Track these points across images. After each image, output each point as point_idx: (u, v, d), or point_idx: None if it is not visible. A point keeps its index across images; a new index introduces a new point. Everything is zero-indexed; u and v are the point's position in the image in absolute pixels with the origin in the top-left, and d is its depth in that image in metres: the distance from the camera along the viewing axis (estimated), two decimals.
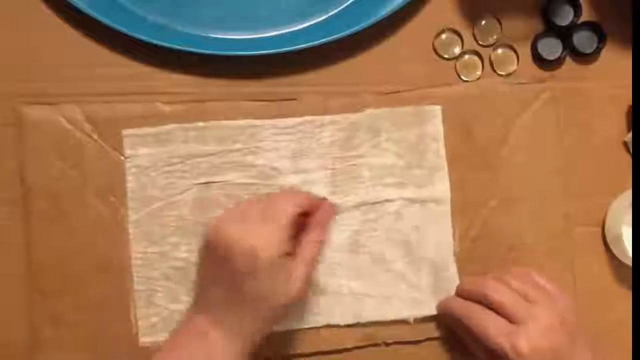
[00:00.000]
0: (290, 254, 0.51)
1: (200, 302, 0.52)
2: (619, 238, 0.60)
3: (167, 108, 0.59)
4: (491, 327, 0.53)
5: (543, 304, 0.54)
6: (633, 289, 0.57)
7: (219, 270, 0.50)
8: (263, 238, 0.49)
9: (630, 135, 0.62)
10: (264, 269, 0.48)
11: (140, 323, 0.58)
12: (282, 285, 0.50)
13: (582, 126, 0.62)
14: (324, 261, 0.59)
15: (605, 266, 0.62)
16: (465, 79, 0.62)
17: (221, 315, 0.50)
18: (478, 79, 0.62)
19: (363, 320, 0.59)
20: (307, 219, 0.54)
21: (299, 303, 0.56)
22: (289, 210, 0.51)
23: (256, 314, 0.50)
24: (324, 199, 0.57)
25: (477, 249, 0.61)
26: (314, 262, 0.53)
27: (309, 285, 0.53)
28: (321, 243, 0.54)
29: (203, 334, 0.49)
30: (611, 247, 0.61)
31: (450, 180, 0.61)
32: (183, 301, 0.58)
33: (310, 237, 0.53)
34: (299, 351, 0.59)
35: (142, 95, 0.59)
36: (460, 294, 0.59)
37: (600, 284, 0.62)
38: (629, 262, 0.60)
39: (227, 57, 0.59)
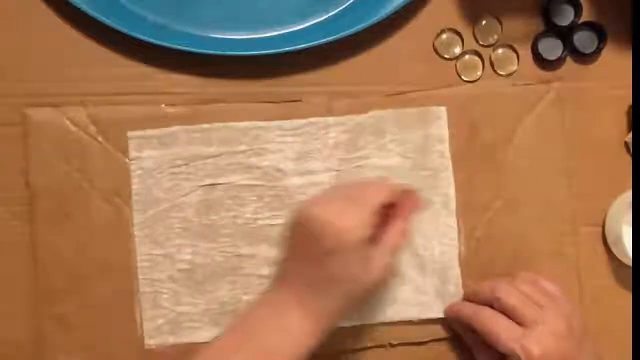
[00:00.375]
0: (372, 240, 0.51)
1: (282, 280, 0.52)
2: (619, 238, 0.60)
3: (171, 110, 0.59)
4: (502, 331, 0.53)
5: (552, 309, 0.54)
6: (633, 289, 0.57)
7: (306, 249, 0.50)
8: (351, 220, 0.49)
9: (630, 135, 0.62)
10: (349, 251, 0.49)
11: (145, 325, 0.58)
12: (363, 270, 0.50)
13: (582, 126, 0.62)
14: None
15: (606, 266, 0.62)
16: (465, 79, 0.62)
17: (302, 293, 0.50)
18: (478, 79, 0.62)
19: (368, 322, 0.59)
20: (390, 210, 0.54)
21: (377, 291, 0.56)
22: (378, 197, 0.51)
23: (336, 297, 0.50)
24: (412, 190, 0.56)
25: (482, 249, 0.61)
26: (395, 250, 0.53)
27: (390, 273, 0.54)
28: (404, 233, 0.54)
29: (282, 311, 0.50)
30: (611, 247, 0.61)
31: (456, 181, 0.61)
32: (188, 303, 0.58)
33: (394, 226, 0.53)
34: None
35: (142, 96, 0.60)
36: (469, 297, 0.59)
37: (601, 284, 0.62)
38: (629, 262, 0.60)
39: (228, 57, 0.59)
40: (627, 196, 0.60)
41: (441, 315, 0.60)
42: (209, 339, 0.57)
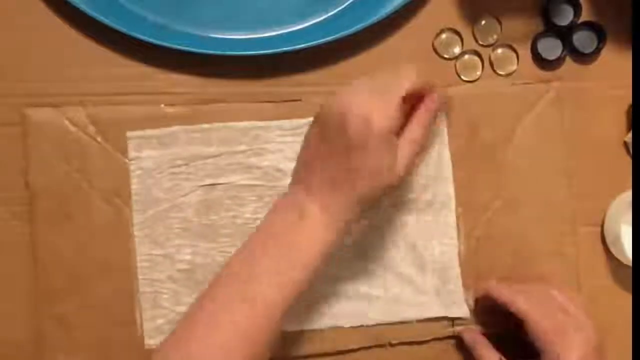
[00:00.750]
0: (397, 134, 0.51)
1: (302, 180, 0.52)
2: (617, 238, 0.60)
3: (170, 110, 0.59)
4: (547, 322, 0.54)
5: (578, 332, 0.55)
6: (633, 289, 0.57)
7: (330, 142, 0.50)
8: (377, 110, 0.49)
9: (630, 135, 0.62)
10: (375, 141, 0.48)
11: (145, 325, 0.58)
12: (387, 163, 0.50)
13: (582, 126, 0.62)
14: (330, 263, 0.59)
15: (605, 266, 0.62)
16: (465, 79, 0.62)
17: (324, 191, 0.50)
18: (478, 78, 0.62)
19: (369, 323, 0.59)
20: (415, 104, 0.53)
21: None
22: (403, 87, 0.50)
23: (356, 192, 0.50)
24: (434, 84, 0.55)
25: (482, 248, 0.61)
26: (419, 146, 0.52)
27: (411, 171, 0.54)
28: (427, 128, 0.53)
29: (301, 212, 0.50)
30: (610, 247, 0.61)
31: (455, 181, 0.61)
32: (188, 303, 0.57)
33: (418, 120, 0.53)
34: (303, 352, 0.59)
35: (142, 96, 0.60)
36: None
37: (600, 284, 0.62)
38: (628, 262, 0.60)
39: (228, 57, 0.59)
40: (627, 196, 0.60)
41: (441, 314, 0.60)
42: None
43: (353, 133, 0.48)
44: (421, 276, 0.60)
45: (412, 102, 0.53)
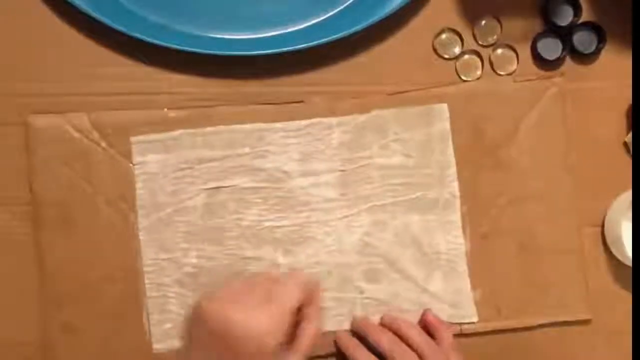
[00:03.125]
0: (286, 342, 0.48)
1: None
2: (618, 239, 0.60)
3: (173, 114, 0.59)
4: None
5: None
6: (633, 289, 0.57)
7: (218, 347, 0.46)
8: (268, 323, 0.46)
9: (630, 135, 0.62)
10: (266, 356, 0.46)
11: (153, 330, 0.58)
12: None
13: (582, 126, 0.62)
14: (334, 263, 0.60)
15: (606, 266, 0.62)
16: (465, 79, 0.62)
17: None
18: (478, 78, 0.62)
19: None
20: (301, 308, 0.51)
21: None
22: (294, 297, 0.48)
23: None
24: (319, 287, 0.54)
25: (487, 246, 0.61)
26: (307, 351, 0.50)
27: None
28: (317, 335, 0.51)
29: None
30: (611, 247, 0.61)
31: (460, 179, 0.61)
32: None
33: (308, 328, 0.50)
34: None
35: (143, 96, 0.60)
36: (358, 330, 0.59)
37: (601, 284, 0.62)
38: (629, 262, 0.60)
39: (228, 57, 0.59)
40: (627, 196, 0.60)
41: (446, 320, 0.60)
42: None
43: (243, 346, 0.45)
44: (427, 275, 0.60)
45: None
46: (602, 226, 0.62)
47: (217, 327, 0.46)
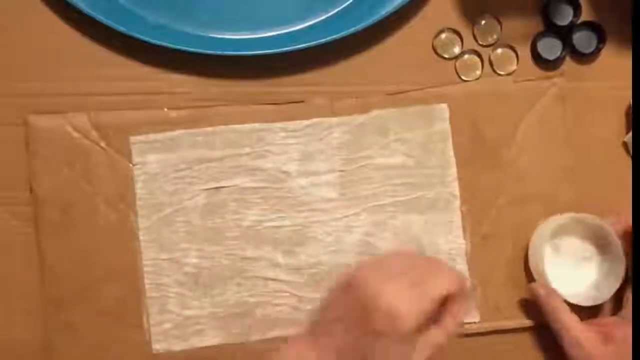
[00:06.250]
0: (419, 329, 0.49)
1: (317, 334, 0.50)
2: (541, 272, 0.58)
3: (173, 114, 0.59)
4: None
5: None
6: (633, 289, 0.57)
7: (353, 317, 0.48)
8: (408, 312, 0.47)
9: (629, 135, 0.62)
10: (398, 339, 0.47)
11: (153, 330, 0.58)
12: (404, 357, 0.48)
13: (581, 126, 0.62)
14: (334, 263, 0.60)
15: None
16: (465, 78, 0.62)
17: (332, 354, 0.48)
18: (478, 78, 0.62)
19: None
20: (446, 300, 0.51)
21: None
22: (441, 289, 0.48)
23: None
24: (465, 285, 0.53)
25: (487, 246, 0.61)
26: (437, 348, 0.50)
27: None
28: (450, 332, 0.51)
29: None
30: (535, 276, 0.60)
31: (460, 179, 0.61)
32: (195, 307, 0.58)
33: (444, 326, 0.50)
34: None
35: (143, 96, 0.60)
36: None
37: None
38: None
39: (228, 57, 0.59)
40: (549, 224, 0.59)
41: None
42: (216, 342, 0.58)
43: (379, 325, 0.47)
44: None
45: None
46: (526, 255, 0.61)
47: (363, 297, 0.47)
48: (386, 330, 0.47)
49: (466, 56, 0.63)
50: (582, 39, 0.63)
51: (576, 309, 0.58)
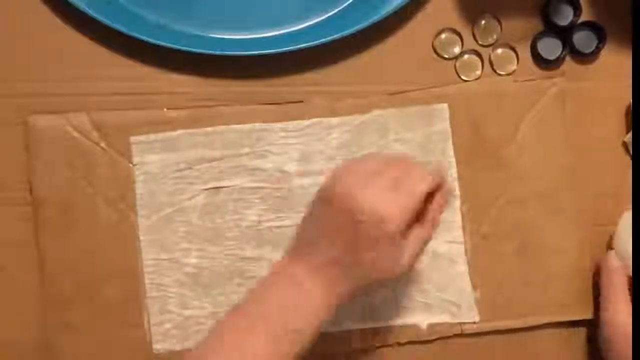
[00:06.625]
0: (406, 229, 0.49)
1: (304, 252, 0.50)
2: (628, 256, 0.58)
3: (173, 114, 0.59)
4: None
5: None
6: (633, 289, 0.57)
7: (338, 228, 0.48)
8: (394, 210, 0.47)
9: (629, 135, 0.62)
10: (386, 239, 0.47)
11: (153, 330, 0.58)
12: (393, 261, 0.49)
13: (581, 126, 0.62)
14: None
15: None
16: (465, 78, 0.62)
17: (324, 269, 0.48)
18: (478, 78, 0.62)
19: (374, 325, 0.59)
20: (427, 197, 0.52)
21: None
22: (423, 187, 0.49)
23: (358, 279, 0.49)
24: (445, 178, 0.54)
25: (487, 246, 0.61)
26: (427, 241, 0.51)
27: (414, 264, 0.52)
28: (435, 227, 0.52)
29: (298, 284, 0.48)
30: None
31: (460, 179, 0.61)
32: (195, 307, 0.58)
33: (430, 219, 0.51)
34: (310, 354, 0.59)
35: (143, 96, 0.60)
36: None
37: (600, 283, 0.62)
38: None
39: (228, 57, 0.59)
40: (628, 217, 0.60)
41: (447, 320, 0.60)
42: None
43: (366, 228, 0.47)
44: (427, 276, 0.60)
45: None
46: (601, 225, 0.62)
47: (346, 208, 0.48)
48: (374, 236, 0.47)
49: (466, 56, 0.63)
50: (582, 39, 0.63)
51: None
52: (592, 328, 0.60)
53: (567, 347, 0.61)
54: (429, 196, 0.51)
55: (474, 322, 0.60)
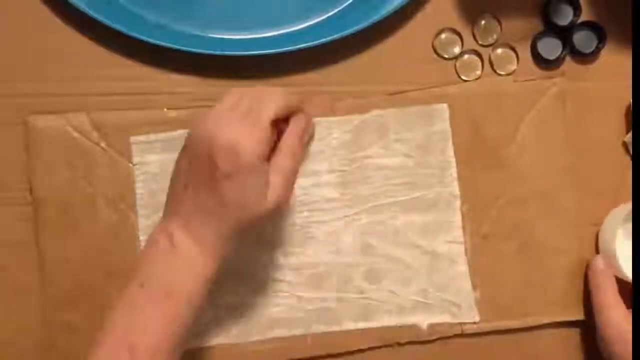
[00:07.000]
0: (270, 159, 0.49)
1: (172, 211, 0.49)
2: (612, 255, 0.59)
3: (173, 114, 0.59)
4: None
5: None
6: (633, 289, 0.57)
7: (199, 172, 0.48)
8: (244, 138, 0.47)
9: (629, 135, 0.62)
10: (244, 172, 0.47)
11: None
12: (259, 192, 0.48)
13: (581, 126, 0.62)
14: (333, 263, 0.60)
15: None
16: (465, 78, 0.62)
17: (194, 221, 0.48)
18: (478, 78, 0.62)
19: (374, 325, 0.59)
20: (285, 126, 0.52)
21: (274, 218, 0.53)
22: (272, 109, 0.49)
23: (229, 222, 0.48)
24: (299, 108, 0.53)
25: (487, 246, 0.61)
26: (290, 172, 0.50)
27: (287, 199, 0.51)
28: (295, 154, 0.51)
29: (173, 245, 0.48)
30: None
31: (460, 179, 0.61)
32: None
33: (284, 148, 0.51)
34: (310, 354, 0.59)
35: (142, 96, 0.60)
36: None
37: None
38: (624, 277, 0.59)
39: (228, 57, 0.59)
40: (622, 209, 0.59)
41: (447, 320, 0.60)
42: (216, 342, 0.57)
43: (221, 163, 0.46)
44: (427, 276, 0.60)
45: (283, 123, 0.51)
46: (596, 240, 0.62)
47: (201, 149, 0.47)
48: (233, 169, 0.46)
49: (466, 56, 0.63)
50: (582, 39, 0.63)
51: None
52: (592, 328, 0.59)
53: (567, 347, 0.61)
54: (287, 122, 0.51)
55: (474, 322, 0.60)
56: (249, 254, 0.59)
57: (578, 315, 0.61)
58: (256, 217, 0.48)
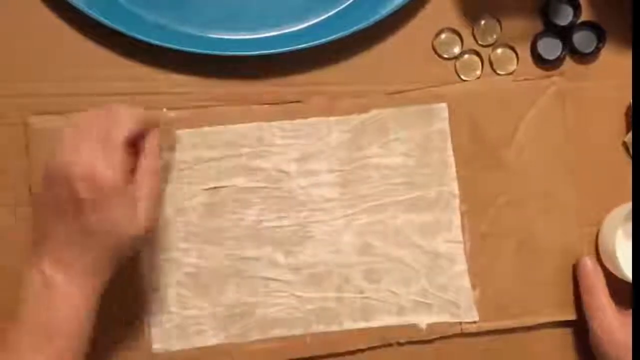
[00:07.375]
0: (133, 182, 0.48)
1: (41, 247, 0.48)
2: (612, 255, 0.59)
3: (173, 114, 0.59)
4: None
5: None
6: (633, 290, 0.57)
7: (60, 203, 0.47)
8: (99, 165, 0.46)
9: (629, 135, 0.62)
10: (105, 196, 0.46)
11: (153, 330, 0.58)
12: (126, 214, 0.47)
13: (581, 126, 0.62)
14: (333, 262, 0.60)
15: (604, 266, 0.62)
16: (465, 78, 0.62)
17: (63, 254, 0.47)
18: (478, 78, 0.62)
19: (374, 325, 0.59)
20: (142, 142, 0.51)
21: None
22: (122, 134, 0.48)
23: (101, 251, 0.47)
24: (150, 124, 0.52)
25: (487, 246, 0.61)
26: (154, 190, 0.49)
27: (157, 217, 0.51)
28: (154, 172, 0.50)
29: (47, 284, 0.47)
30: (605, 264, 0.60)
31: (459, 178, 0.61)
32: (195, 307, 0.58)
33: (144, 167, 0.50)
34: (309, 354, 0.59)
35: (142, 96, 0.60)
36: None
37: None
38: (624, 277, 0.59)
39: (228, 57, 0.59)
40: (622, 209, 0.59)
41: (446, 319, 0.60)
42: (216, 342, 0.57)
43: (82, 193, 0.46)
44: (426, 275, 0.60)
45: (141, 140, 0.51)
46: (596, 242, 0.62)
47: (61, 180, 0.46)
48: (94, 197, 0.46)
49: (466, 56, 0.63)
50: (582, 39, 0.63)
51: None
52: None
53: (566, 347, 0.61)
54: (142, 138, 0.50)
55: (474, 322, 0.60)
56: (248, 254, 0.59)
57: (577, 315, 0.61)
58: (129, 239, 0.48)
